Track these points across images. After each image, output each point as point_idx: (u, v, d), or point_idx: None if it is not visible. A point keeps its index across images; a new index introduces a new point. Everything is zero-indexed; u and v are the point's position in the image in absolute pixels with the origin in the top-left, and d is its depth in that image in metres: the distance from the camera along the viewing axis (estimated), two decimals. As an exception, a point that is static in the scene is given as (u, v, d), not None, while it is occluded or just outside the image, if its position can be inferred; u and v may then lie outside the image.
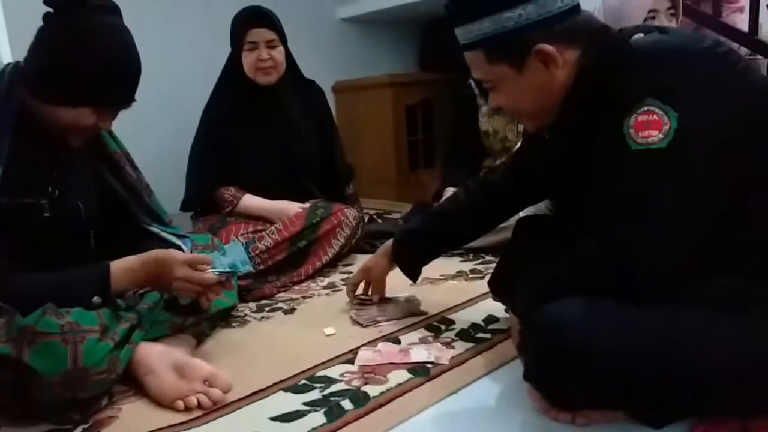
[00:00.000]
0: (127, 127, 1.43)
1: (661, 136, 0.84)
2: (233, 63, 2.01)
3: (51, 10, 1.15)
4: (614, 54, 0.92)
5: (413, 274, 1.48)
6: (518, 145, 1.44)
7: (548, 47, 0.94)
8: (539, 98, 1.00)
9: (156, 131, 2.40)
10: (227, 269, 1.30)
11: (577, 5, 0.98)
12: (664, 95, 0.84)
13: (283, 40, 2.00)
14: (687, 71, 0.86)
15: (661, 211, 0.86)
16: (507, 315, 1.37)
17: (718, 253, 0.89)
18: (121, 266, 1.21)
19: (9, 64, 1.20)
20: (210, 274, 1.25)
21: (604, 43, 0.96)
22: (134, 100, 1.22)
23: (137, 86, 1.21)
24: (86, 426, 1.06)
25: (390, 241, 1.48)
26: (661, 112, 0.84)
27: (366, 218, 2.36)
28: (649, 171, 0.86)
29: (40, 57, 1.16)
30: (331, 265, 1.96)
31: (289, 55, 2.04)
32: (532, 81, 0.98)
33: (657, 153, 0.85)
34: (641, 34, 0.91)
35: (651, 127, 0.85)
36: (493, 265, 1.47)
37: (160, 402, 1.11)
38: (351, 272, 1.91)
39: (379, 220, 2.58)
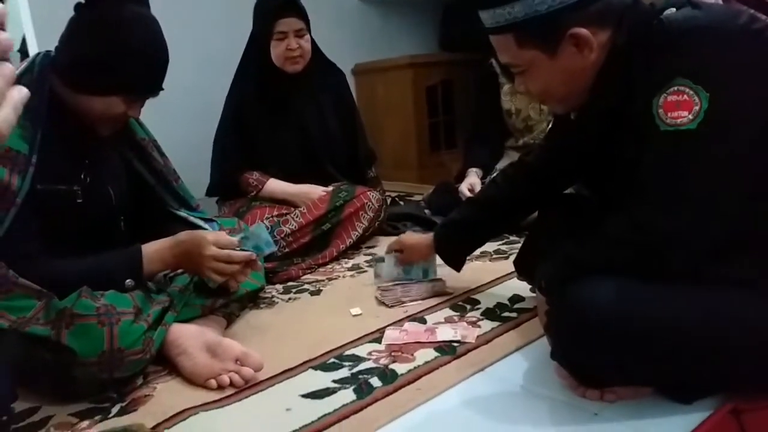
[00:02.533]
0: (154, 115, 1.46)
1: (690, 117, 0.82)
2: (256, 49, 2.02)
3: (82, 1, 1.17)
4: (645, 31, 0.89)
5: (457, 265, 1.47)
6: (550, 126, 1.42)
7: (583, 31, 0.91)
8: (570, 82, 0.97)
9: (181, 118, 2.42)
10: (253, 250, 1.32)
11: None
12: (695, 75, 0.82)
13: (309, 28, 2.01)
14: (720, 50, 0.83)
15: (690, 195, 0.84)
16: (533, 294, 1.37)
17: (746, 232, 0.88)
18: (152, 249, 1.24)
19: (39, 53, 1.23)
20: (238, 252, 1.27)
21: (636, 19, 0.92)
22: (162, 89, 1.24)
23: (165, 75, 1.23)
24: (123, 404, 1.09)
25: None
26: (691, 92, 0.81)
27: (388, 201, 2.36)
28: (678, 153, 0.85)
29: (71, 47, 1.18)
30: (355, 247, 1.98)
31: (312, 41, 2.04)
32: (565, 65, 0.95)
33: (686, 134, 0.83)
34: (673, 9, 0.88)
35: (681, 107, 0.82)
36: (517, 245, 1.47)
37: (194, 381, 1.14)
38: (375, 254, 1.93)
39: (401, 203, 2.58)
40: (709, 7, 0.88)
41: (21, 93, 0.43)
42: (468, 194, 2.04)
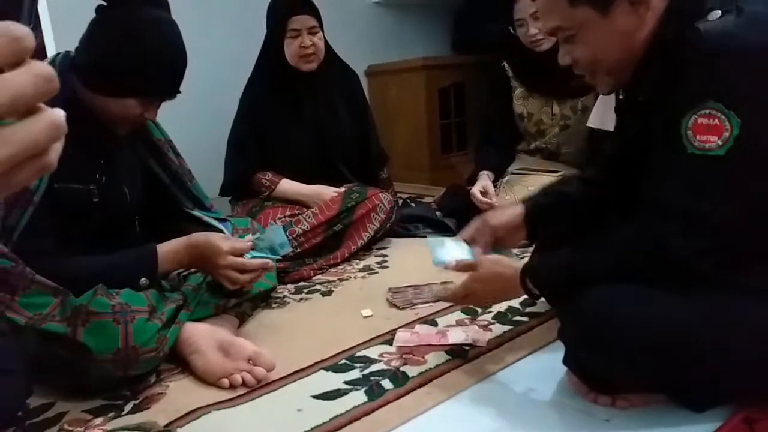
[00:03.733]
0: (169, 115, 1.47)
1: (719, 142, 0.80)
2: (271, 49, 2.03)
3: (104, 2, 1.18)
4: (685, 33, 0.85)
5: (534, 233, 1.25)
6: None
7: None
8: (622, 47, 0.92)
9: (196, 118, 2.43)
10: (267, 254, 1.33)
11: None
12: (728, 99, 0.80)
13: (322, 27, 2.02)
14: (755, 75, 0.81)
15: (713, 219, 0.84)
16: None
17: (762, 244, 0.87)
18: (167, 249, 1.25)
19: (59, 54, 1.24)
20: (253, 261, 1.28)
21: (685, 11, 0.88)
22: (179, 92, 1.25)
23: (183, 79, 1.25)
24: (136, 402, 1.10)
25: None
26: (723, 117, 0.80)
27: (399, 202, 2.37)
28: (704, 178, 0.84)
29: (91, 48, 1.20)
30: (366, 248, 1.98)
31: (326, 42, 2.05)
32: (618, 26, 0.91)
33: (714, 160, 0.81)
34: (718, 13, 0.84)
35: (711, 131, 0.81)
36: (528, 250, 1.47)
37: (206, 380, 1.15)
38: (386, 255, 1.94)
39: (413, 204, 2.58)
40: (758, 18, 0.84)
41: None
42: (479, 197, 2.04)
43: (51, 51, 2.24)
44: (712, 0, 0.87)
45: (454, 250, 1.20)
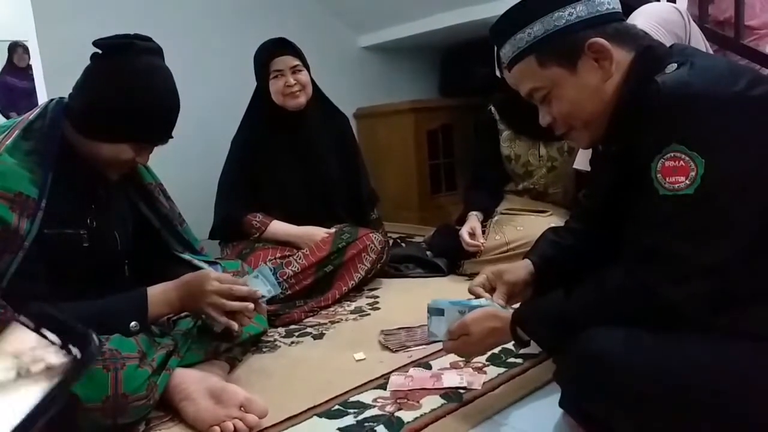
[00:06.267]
0: (160, 158, 1.47)
1: (687, 182, 0.84)
2: (260, 94, 2.07)
3: (98, 50, 1.20)
4: (645, 86, 0.90)
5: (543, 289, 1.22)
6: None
7: (601, 40, 0.94)
8: (593, 100, 0.98)
9: (187, 161, 2.45)
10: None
11: (621, 13, 0.99)
12: (690, 142, 0.84)
13: (306, 66, 2.06)
14: (712, 117, 0.84)
15: (692, 260, 0.85)
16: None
17: (756, 285, 0.88)
18: (157, 291, 1.24)
19: (52, 100, 1.25)
20: (240, 287, 1.28)
21: (644, 68, 0.94)
22: (171, 137, 1.26)
23: (175, 125, 1.26)
24: (125, 452, 1.08)
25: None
26: (687, 158, 0.83)
27: (390, 242, 2.37)
28: (678, 217, 0.86)
29: (85, 95, 1.21)
30: (357, 289, 1.98)
31: (313, 81, 2.09)
32: (587, 81, 0.97)
33: (684, 199, 0.84)
34: (674, 65, 0.90)
35: (678, 173, 0.84)
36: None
37: (197, 427, 1.12)
38: (377, 296, 1.93)
39: (403, 244, 2.59)
40: (710, 68, 0.89)
41: None
42: (467, 238, 2.05)
43: (42, 97, 2.26)
44: (675, 55, 0.93)
45: (451, 317, 1.14)
